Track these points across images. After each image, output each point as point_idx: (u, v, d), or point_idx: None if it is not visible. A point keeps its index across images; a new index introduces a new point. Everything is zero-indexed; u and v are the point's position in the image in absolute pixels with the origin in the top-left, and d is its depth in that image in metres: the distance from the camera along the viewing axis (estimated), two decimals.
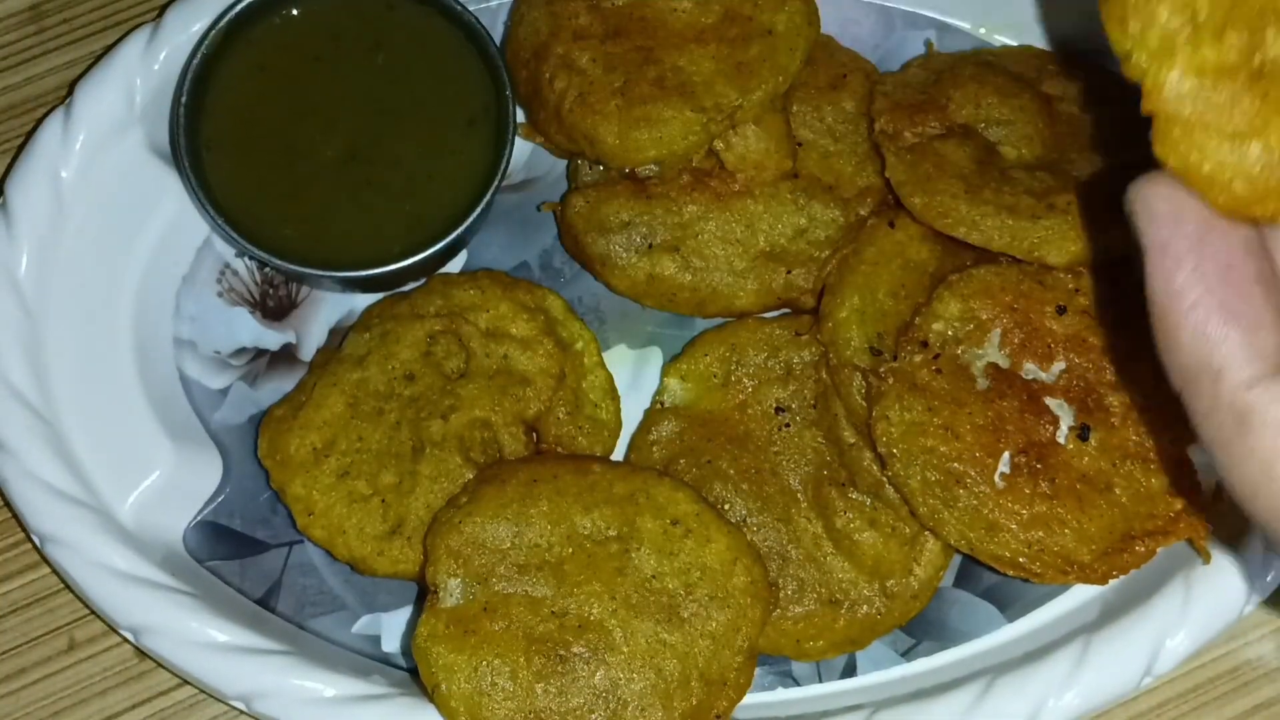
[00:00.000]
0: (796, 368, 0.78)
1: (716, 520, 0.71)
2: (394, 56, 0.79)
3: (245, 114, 0.78)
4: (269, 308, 0.82)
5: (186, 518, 0.78)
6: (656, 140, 0.77)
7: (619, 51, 0.79)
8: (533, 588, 0.69)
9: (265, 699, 0.71)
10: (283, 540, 0.78)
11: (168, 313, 0.81)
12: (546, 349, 0.77)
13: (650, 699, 0.68)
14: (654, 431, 0.77)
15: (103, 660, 0.77)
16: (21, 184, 0.78)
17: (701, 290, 0.79)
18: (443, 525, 0.71)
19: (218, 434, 0.80)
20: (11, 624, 0.78)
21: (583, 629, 0.68)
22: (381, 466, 0.74)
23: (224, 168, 0.78)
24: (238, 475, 0.79)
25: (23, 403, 0.75)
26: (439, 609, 0.69)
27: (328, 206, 0.77)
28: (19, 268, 0.77)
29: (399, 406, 0.75)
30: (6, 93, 0.87)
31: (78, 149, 0.79)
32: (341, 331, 0.81)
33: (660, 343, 0.82)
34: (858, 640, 0.75)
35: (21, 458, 0.74)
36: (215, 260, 0.82)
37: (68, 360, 0.77)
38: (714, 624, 0.69)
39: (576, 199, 0.80)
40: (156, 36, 0.80)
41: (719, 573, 0.69)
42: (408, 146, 0.78)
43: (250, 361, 0.81)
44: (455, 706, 0.67)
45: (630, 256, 0.79)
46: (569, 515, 0.70)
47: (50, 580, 0.78)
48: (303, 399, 0.76)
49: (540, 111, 0.80)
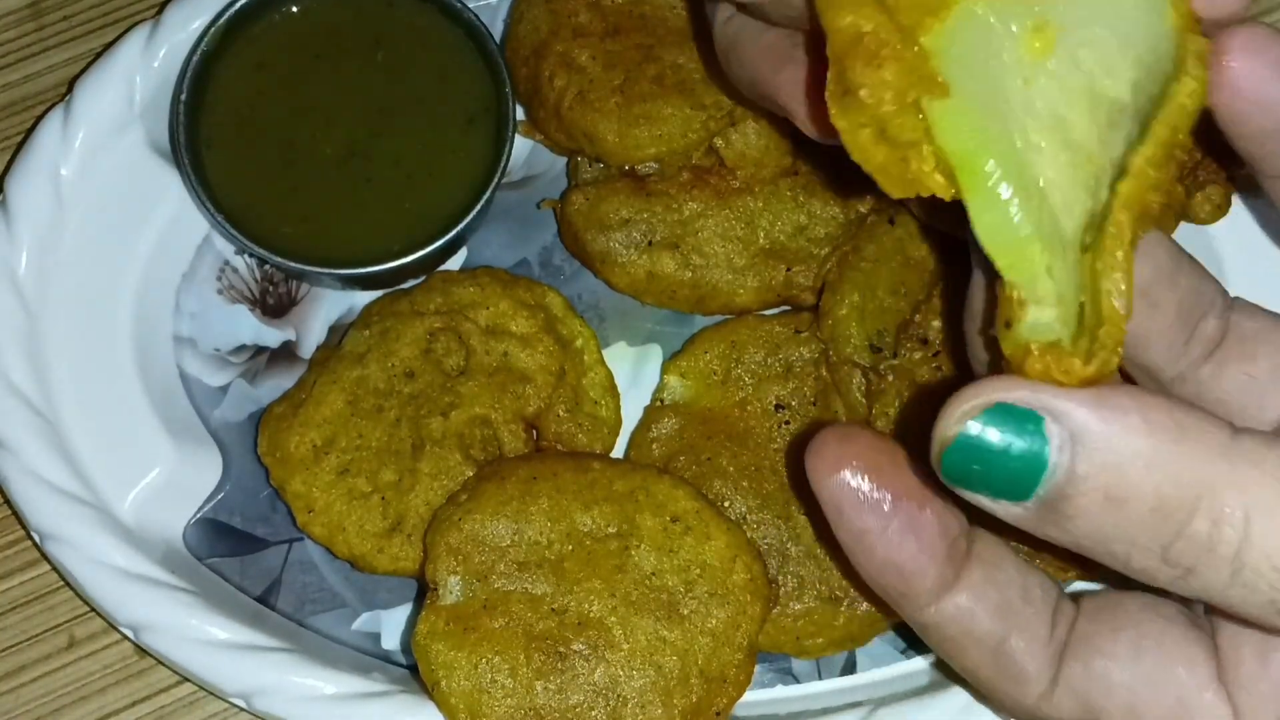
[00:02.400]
0: (796, 365, 0.78)
1: (716, 517, 0.71)
2: (394, 54, 0.79)
3: (245, 111, 0.78)
4: (269, 305, 0.82)
5: (186, 515, 0.78)
6: (656, 138, 0.77)
7: (618, 49, 0.79)
8: (532, 585, 0.69)
9: (265, 696, 0.71)
10: (282, 538, 0.78)
11: (167, 310, 0.81)
12: (546, 346, 0.77)
13: (650, 696, 0.68)
14: (654, 429, 0.77)
15: (102, 658, 0.77)
16: (21, 182, 0.78)
17: (701, 287, 0.79)
18: (442, 523, 0.71)
19: (217, 431, 0.79)
20: (11, 621, 0.78)
21: (582, 626, 0.68)
22: (381, 464, 0.74)
23: (224, 165, 0.78)
24: (237, 473, 0.79)
25: (22, 400, 0.75)
26: (439, 606, 0.69)
27: (328, 204, 0.77)
28: (19, 265, 0.77)
29: (399, 404, 0.75)
30: (5, 90, 0.87)
31: (77, 146, 0.79)
32: (341, 329, 0.81)
33: (660, 340, 0.82)
34: (858, 637, 0.75)
35: (21, 455, 0.74)
36: (215, 258, 0.82)
37: (67, 357, 0.77)
38: (714, 621, 0.69)
39: (576, 196, 0.80)
40: (156, 34, 0.80)
41: (719, 570, 0.69)
42: (407, 144, 0.78)
43: (250, 359, 0.81)
44: (455, 704, 0.67)
45: (630, 254, 0.79)
46: (569, 512, 0.70)
47: (50, 578, 0.78)
48: (303, 396, 0.76)
49: (540, 109, 0.80)
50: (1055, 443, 0.49)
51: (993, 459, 0.50)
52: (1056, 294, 0.50)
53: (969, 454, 0.50)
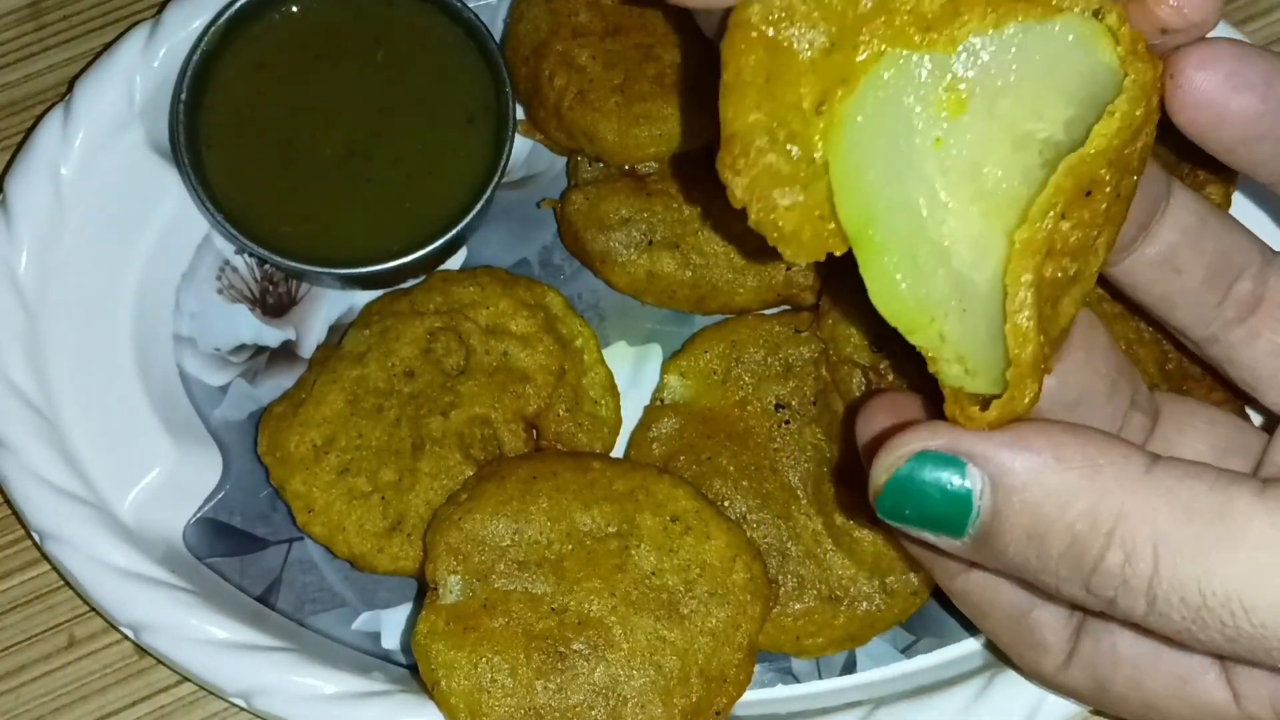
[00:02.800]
0: (796, 364, 0.78)
1: (716, 517, 0.71)
2: (394, 53, 0.79)
3: (245, 111, 0.78)
4: (269, 305, 0.82)
5: (186, 515, 0.78)
6: (656, 137, 0.77)
7: (618, 49, 0.79)
8: (532, 585, 0.69)
9: (265, 696, 0.71)
10: (282, 537, 0.78)
11: (167, 310, 0.81)
12: (546, 346, 0.77)
13: (650, 696, 0.68)
14: (654, 428, 0.77)
15: (102, 657, 0.77)
16: (21, 181, 0.78)
17: (701, 287, 0.79)
18: (442, 522, 0.71)
19: (217, 431, 0.79)
20: (11, 621, 0.78)
21: (582, 626, 0.68)
22: (381, 463, 0.74)
23: (224, 165, 0.78)
24: (237, 472, 0.79)
25: (22, 400, 0.75)
26: (439, 606, 0.69)
27: (327, 203, 0.77)
28: (19, 265, 0.77)
29: (399, 403, 0.75)
30: (6, 90, 0.87)
31: (77, 146, 0.79)
32: (341, 328, 0.81)
33: (660, 339, 0.82)
34: (857, 637, 0.75)
35: (21, 454, 0.74)
36: (215, 257, 0.82)
37: (67, 357, 0.77)
38: (714, 621, 0.69)
39: (576, 196, 0.80)
40: (156, 33, 0.80)
41: (719, 569, 0.69)
42: (407, 143, 0.78)
43: (250, 358, 0.81)
44: (455, 703, 0.67)
45: (630, 253, 0.79)
46: (569, 512, 0.70)
47: (50, 577, 0.78)
48: (303, 396, 0.76)
49: (540, 108, 0.80)
50: (977, 486, 0.51)
51: (923, 503, 0.52)
52: (955, 353, 0.52)
53: (900, 499, 0.53)
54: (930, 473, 0.52)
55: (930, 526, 0.53)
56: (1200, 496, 0.49)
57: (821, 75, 0.51)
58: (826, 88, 0.51)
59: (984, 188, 0.52)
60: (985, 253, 0.51)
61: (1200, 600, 0.49)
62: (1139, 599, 0.50)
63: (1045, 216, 0.50)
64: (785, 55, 0.51)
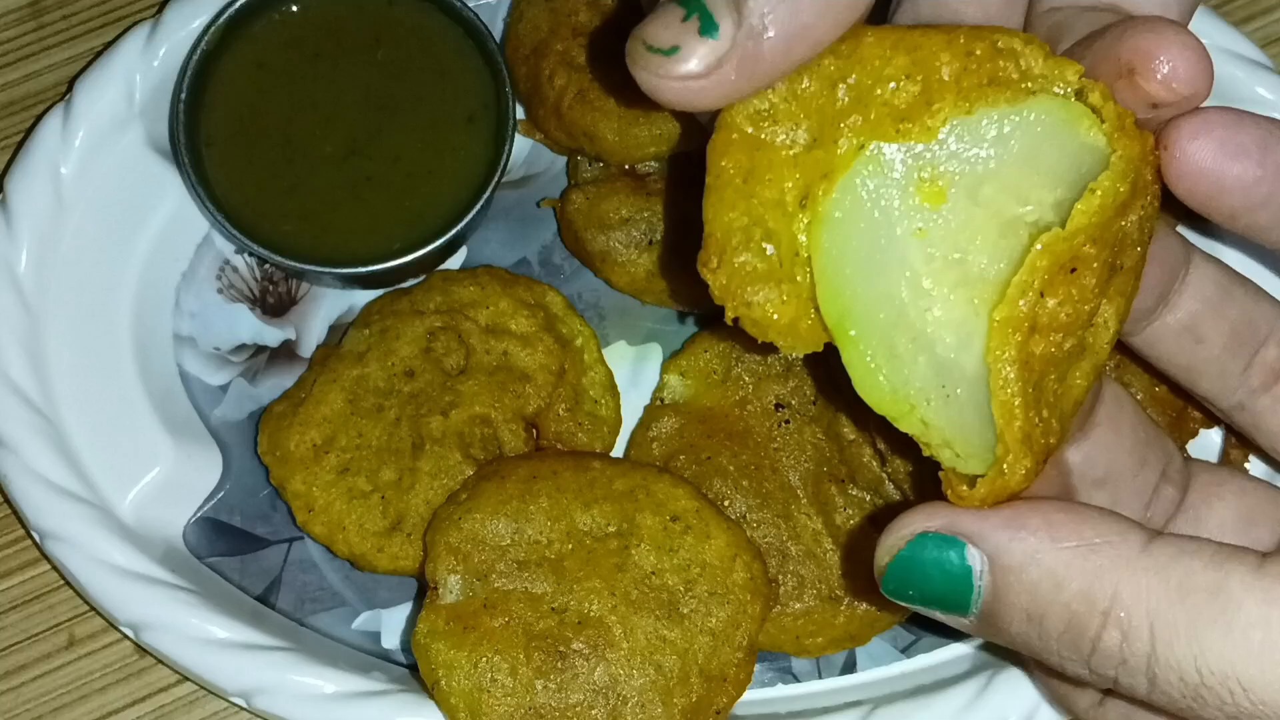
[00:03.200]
0: (796, 364, 0.78)
1: (716, 516, 0.71)
2: (394, 53, 0.79)
3: (245, 110, 0.78)
4: (269, 304, 0.82)
5: (186, 514, 0.78)
6: (656, 137, 0.77)
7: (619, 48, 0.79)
8: (532, 584, 0.69)
9: (265, 695, 0.71)
10: (282, 537, 0.78)
11: (167, 309, 0.81)
12: (546, 345, 0.77)
13: (650, 695, 0.68)
14: (654, 428, 0.77)
15: (102, 657, 0.77)
16: (21, 181, 0.78)
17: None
18: (442, 522, 0.71)
19: (217, 430, 0.79)
20: (11, 620, 0.78)
21: (582, 625, 0.68)
22: (381, 463, 0.74)
23: (224, 164, 0.78)
24: (237, 471, 0.79)
25: (22, 399, 0.75)
26: (439, 605, 0.69)
27: (327, 203, 0.77)
28: (19, 264, 0.77)
29: (399, 403, 0.75)
30: (6, 89, 0.87)
31: (77, 145, 0.79)
32: (341, 328, 0.81)
33: (660, 339, 0.82)
34: (858, 636, 0.74)
35: (21, 454, 0.74)
36: (215, 257, 0.82)
37: (67, 356, 0.77)
38: (714, 620, 0.69)
39: (576, 195, 0.80)
40: (156, 33, 0.80)
41: (719, 569, 0.69)
42: (407, 143, 0.78)
43: (250, 358, 0.81)
44: (455, 703, 0.67)
45: (630, 253, 0.79)
46: (569, 511, 0.70)
47: (50, 576, 0.78)
48: (302, 395, 0.76)
49: (540, 108, 0.80)
50: (977, 566, 0.51)
51: (925, 583, 0.53)
52: (941, 438, 0.52)
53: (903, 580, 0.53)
54: (931, 553, 0.52)
55: (935, 606, 0.54)
56: (1195, 574, 0.49)
57: (805, 170, 0.52)
58: (810, 182, 0.52)
59: (969, 274, 0.52)
60: (971, 336, 0.51)
61: (1198, 679, 0.48)
62: (1140, 678, 0.50)
63: (1024, 296, 0.50)
64: (768, 152, 0.52)
